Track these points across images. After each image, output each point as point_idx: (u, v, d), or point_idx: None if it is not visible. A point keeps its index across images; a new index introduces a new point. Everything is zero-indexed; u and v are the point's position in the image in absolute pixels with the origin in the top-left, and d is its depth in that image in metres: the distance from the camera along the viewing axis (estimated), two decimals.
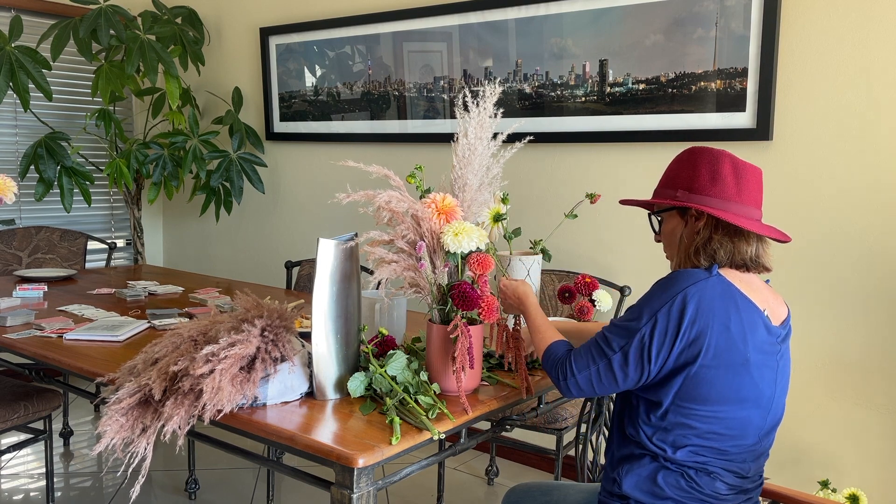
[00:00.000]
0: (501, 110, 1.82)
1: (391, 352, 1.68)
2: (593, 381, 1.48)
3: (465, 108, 1.76)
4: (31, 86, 3.72)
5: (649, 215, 1.61)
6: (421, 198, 1.72)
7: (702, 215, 1.49)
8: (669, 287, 1.42)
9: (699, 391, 1.41)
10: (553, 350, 1.56)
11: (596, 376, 1.47)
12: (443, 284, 1.69)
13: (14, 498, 2.97)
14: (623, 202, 1.68)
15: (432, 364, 1.69)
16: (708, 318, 1.39)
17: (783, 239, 1.49)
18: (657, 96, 2.82)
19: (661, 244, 1.69)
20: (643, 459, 1.49)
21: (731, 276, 1.46)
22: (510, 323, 1.83)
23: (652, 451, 1.48)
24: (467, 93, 1.84)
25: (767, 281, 1.57)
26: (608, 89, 2.93)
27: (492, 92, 1.76)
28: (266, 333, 1.63)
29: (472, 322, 1.67)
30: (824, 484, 2.40)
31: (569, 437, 2.65)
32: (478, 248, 1.67)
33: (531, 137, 2.04)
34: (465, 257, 1.69)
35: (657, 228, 1.61)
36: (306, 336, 1.95)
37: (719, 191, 1.46)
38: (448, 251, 1.66)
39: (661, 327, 1.40)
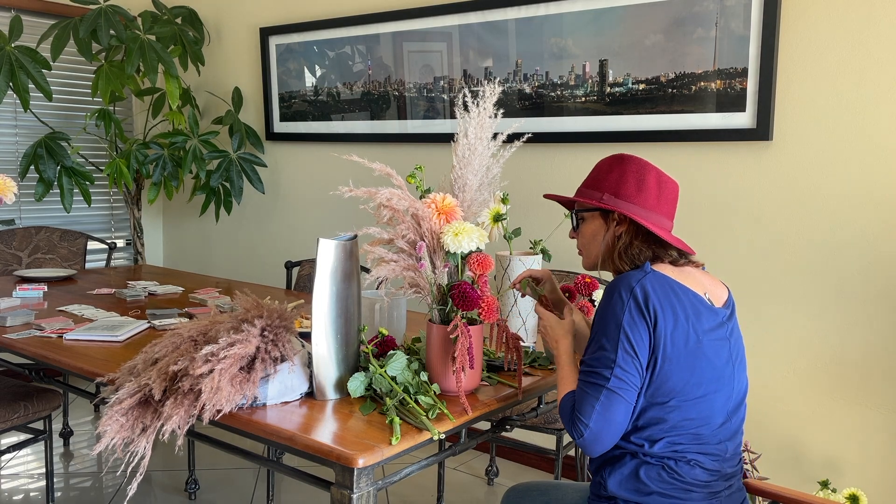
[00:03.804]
0: (501, 110, 1.82)
1: (391, 352, 1.68)
2: (608, 418, 1.44)
3: (465, 108, 1.76)
4: (31, 86, 3.73)
5: (572, 213, 1.67)
6: (421, 198, 1.72)
7: (624, 220, 1.56)
8: (617, 290, 1.48)
9: (665, 386, 1.46)
10: (563, 405, 1.55)
11: (605, 414, 1.44)
12: (443, 284, 1.69)
13: (14, 498, 2.97)
14: (547, 196, 1.74)
15: (432, 364, 1.69)
16: (657, 305, 1.45)
17: (689, 252, 1.57)
18: (657, 96, 2.82)
19: (575, 240, 1.73)
20: (624, 458, 1.51)
21: (665, 269, 1.53)
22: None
23: (631, 449, 1.50)
24: (467, 93, 1.83)
25: (703, 267, 1.64)
26: (608, 89, 2.93)
27: (491, 92, 1.76)
28: (266, 333, 1.63)
29: (471, 322, 1.67)
30: (824, 484, 2.40)
31: (569, 437, 2.65)
32: (478, 248, 1.67)
33: (529, 135, 2.04)
34: (465, 257, 1.69)
35: (576, 225, 1.66)
36: (306, 336, 1.95)
37: (643, 200, 1.54)
38: (448, 251, 1.66)
39: (627, 319, 1.44)
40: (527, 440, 3.21)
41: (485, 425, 3.21)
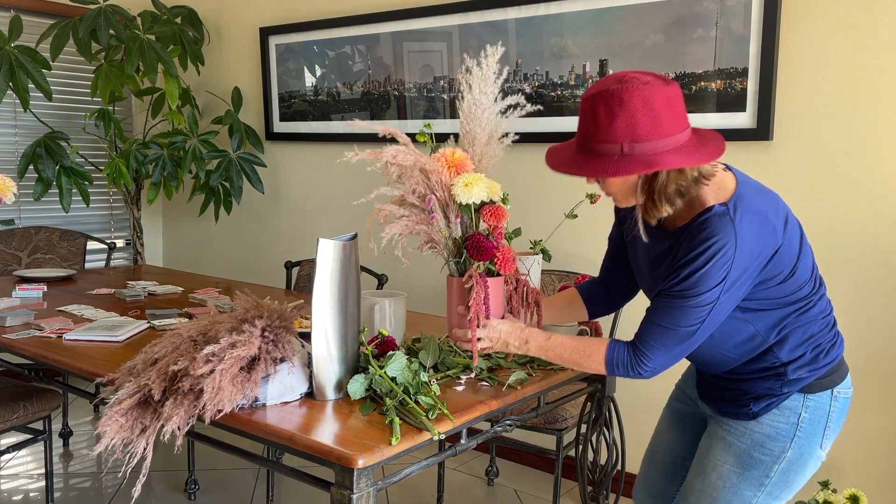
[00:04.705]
0: (506, 68, 1.75)
1: (391, 353, 1.68)
2: (679, 354, 1.51)
3: (468, 71, 1.70)
4: (31, 85, 3.72)
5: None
6: (431, 154, 1.71)
7: None
8: (720, 239, 1.42)
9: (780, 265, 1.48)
10: (611, 360, 1.54)
11: (680, 350, 1.50)
12: (457, 237, 1.67)
13: (13, 498, 2.97)
14: (558, 170, 1.51)
15: (452, 319, 1.68)
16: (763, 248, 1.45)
17: (720, 151, 1.44)
18: None
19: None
20: (767, 382, 1.56)
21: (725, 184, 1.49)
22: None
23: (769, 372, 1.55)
24: (466, 57, 1.77)
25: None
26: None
27: (493, 52, 1.71)
28: (266, 334, 1.63)
29: (489, 274, 1.65)
30: (824, 484, 2.40)
31: (569, 437, 2.65)
32: (490, 200, 1.66)
33: (540, 107, 1.96)
34: (479, 210, 1.67)
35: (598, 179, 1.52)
36: (306, 336, 1.95)
37: (663, 129, 1.38)
38: (460, 203, 1.64)
39: (747, 275, 1.44)
40: (527, 440, 3.20)
41: (485, 425, 3.21)
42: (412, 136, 1.53)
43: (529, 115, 1.68)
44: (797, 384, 1.54)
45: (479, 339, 1.64)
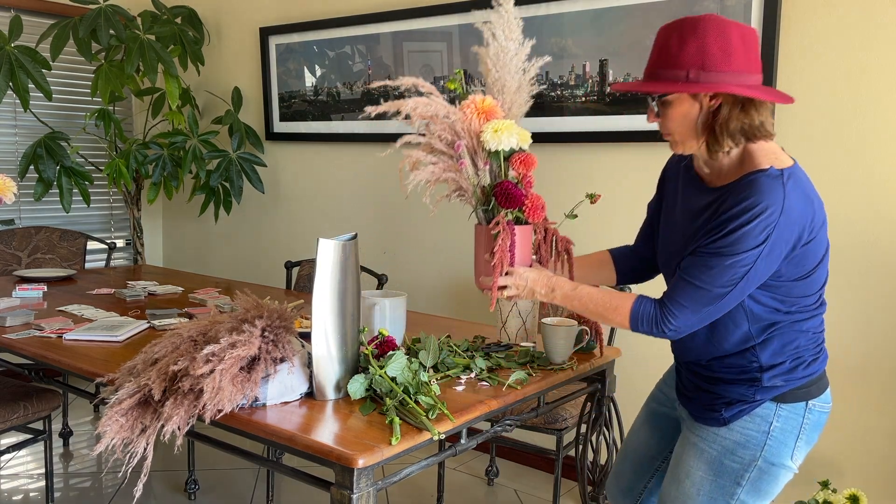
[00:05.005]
0: (521, 15, 1.72)
1: (391, 353, 1.68)
2: (707, 318, 1.49)
3: (485, 22, 1.68)
4: (31, 86, 3.73)
5: (655, 99, 1.51)
6: (461, 101, 1.69)
7: (718, 94, 1.43)
8: (766, 200, 1.39)
9: (803, 264, 1.47)
10: (636, 315, 1.52)
11: (706, 313, 1.47)
12: (486, 185, 1.66)
13: (14, 498, 2.97)
14: (617, 88, 1.53)
15: (479, 268, 1.67)
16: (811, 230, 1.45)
17: (788, 101, 1.45)
18: None
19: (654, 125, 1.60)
20: (741, 388, 1.54)
21: (779, 156, 1.46)
22: None
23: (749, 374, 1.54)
24: (474, 24, 1.74)
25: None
26: (608, 89, 2.93)
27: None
28: (266, 334, 1.63)
29: (518, 222, 1.64)
30: (824, 484, 2.39)
31: (569, 437, 2.65)
32: (520, 147, 1.64)
33: (549, 58, 1.95)
34: (508, 158, 1.66)
35: (658, 111, 1.52)
36: (306, 336, 1.95)
37: (733, 64, 1.40)
38: (489, 150, 1.62)
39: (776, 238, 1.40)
40: (527, 440, 3.20)
41: (485, 425, 3.21)
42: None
43: (529, 115, 1.68)
44: (771, 392, 1.53)
45: (505, 287, 1.63)
